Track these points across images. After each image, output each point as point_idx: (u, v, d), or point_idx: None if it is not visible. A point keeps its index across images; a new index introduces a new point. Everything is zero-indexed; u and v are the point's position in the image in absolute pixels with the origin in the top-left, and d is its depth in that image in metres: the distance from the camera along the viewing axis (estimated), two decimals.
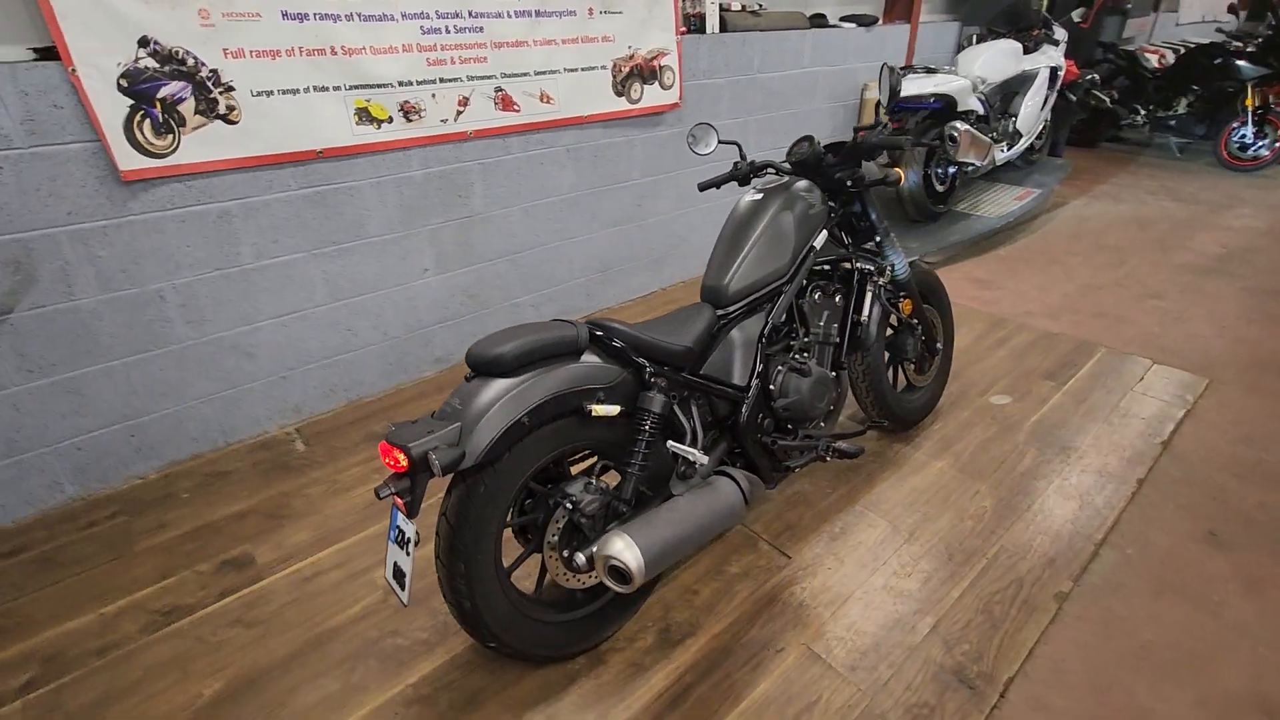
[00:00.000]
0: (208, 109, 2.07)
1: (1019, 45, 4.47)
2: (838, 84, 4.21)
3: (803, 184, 1.92)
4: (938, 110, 3.98)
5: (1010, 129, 4.49)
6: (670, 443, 1.53)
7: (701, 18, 3.34)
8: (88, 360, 2.11)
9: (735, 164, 2.06)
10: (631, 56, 3.05)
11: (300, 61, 2.19)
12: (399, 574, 1.32)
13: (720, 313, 1.76)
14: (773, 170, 2.02)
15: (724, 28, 3.44)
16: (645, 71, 3.13)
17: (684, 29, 3.26)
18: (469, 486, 1.34)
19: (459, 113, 2.61)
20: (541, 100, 2.82)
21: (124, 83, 1.92)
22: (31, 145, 1.86)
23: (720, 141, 2.04)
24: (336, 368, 2.66)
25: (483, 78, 2.62)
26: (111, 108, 1.92)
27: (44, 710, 1.54)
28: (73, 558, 1.99)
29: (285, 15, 2.12)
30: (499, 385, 1.35)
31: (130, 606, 1.81)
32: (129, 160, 1.98)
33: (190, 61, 2.00)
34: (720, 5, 3.39)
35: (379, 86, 2.38)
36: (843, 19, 4.21)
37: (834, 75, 4.16)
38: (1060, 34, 4.76)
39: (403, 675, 1.58)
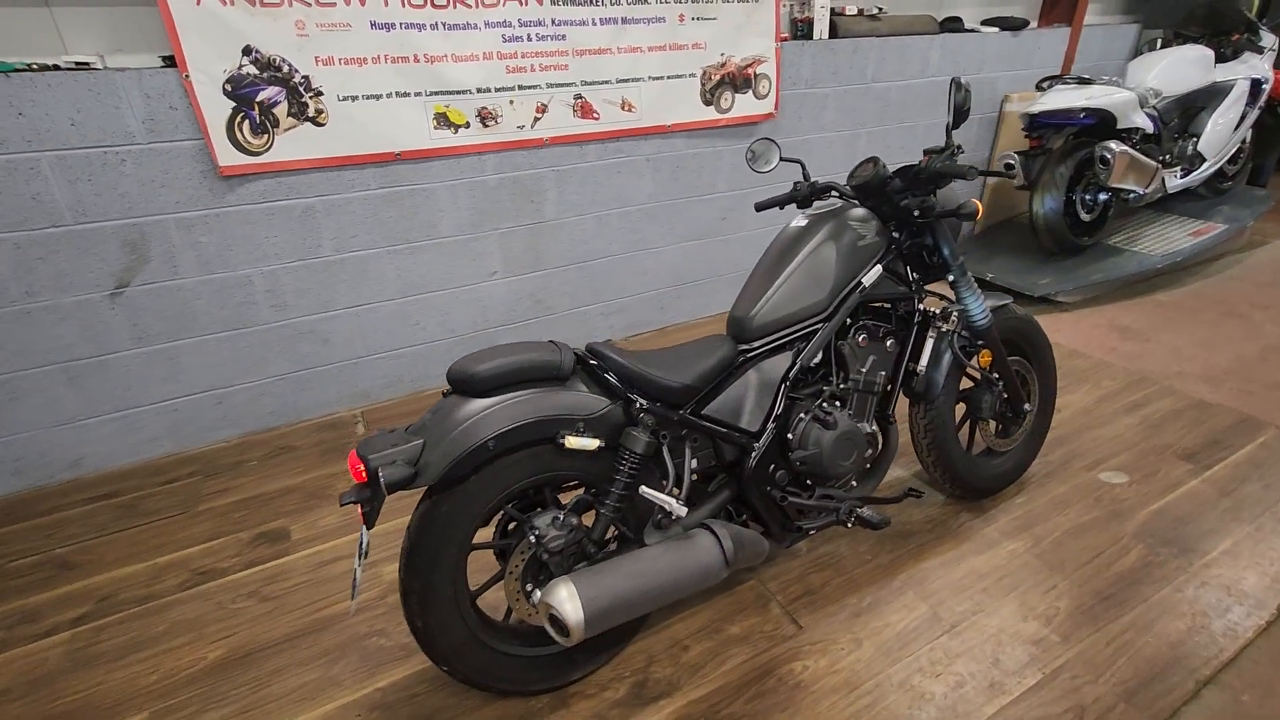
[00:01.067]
0: (299, 112, 2.23)
1: (1210, 53, 3.75)
2: (972, 94, 3.77)
3: (858, 211, 1.71)
4: (1090, 127, 3.44)
5: (1189, 151, 3.79)
6: (644, 488, 1.41)
7: (809, 23, 3.13)
8: (186, 333, 2.37)
9: (795, 184, 1.88)
10: (723, 64, 2.92)
11: (385, 68, 2.30)
12: (354, 579, 1.32)
13: (743, 348, 1.61)
14: (836, 193, 1.82)
15: (834, 33, 3.20)
16: (738, 80, 2.98)
17: (785, 35, 3.07)
18: (431, 505, 1.32)
19: (536, 119, 2.63)
20: (623, 108, 2.78)
21: (228, 87, 2.12)
22: (150, 142, 2.10)
23: (783, 159, 1.87)
24: (403, 359, 2.79)
25: (562, 85, 2.62)
26: (217, 109, 2.12)
27: (83, 645, 1.73)
28: (149, 509, 2.23)
29: (373, 25, 2.24)
30: (471, 406, 1.31)
31: (177, 562, 2.00)
32: (228, 156, 2.18)
33: (285, 68, 2.17)
34: (832, 9, 3.16)
35: (458, 93, 2.45)
36: (985, 22, 3.77)
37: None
38: (1269, 40, 3.94)
39: (375, 678, 1.60)
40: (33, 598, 1.90)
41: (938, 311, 1.76)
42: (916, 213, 1.69)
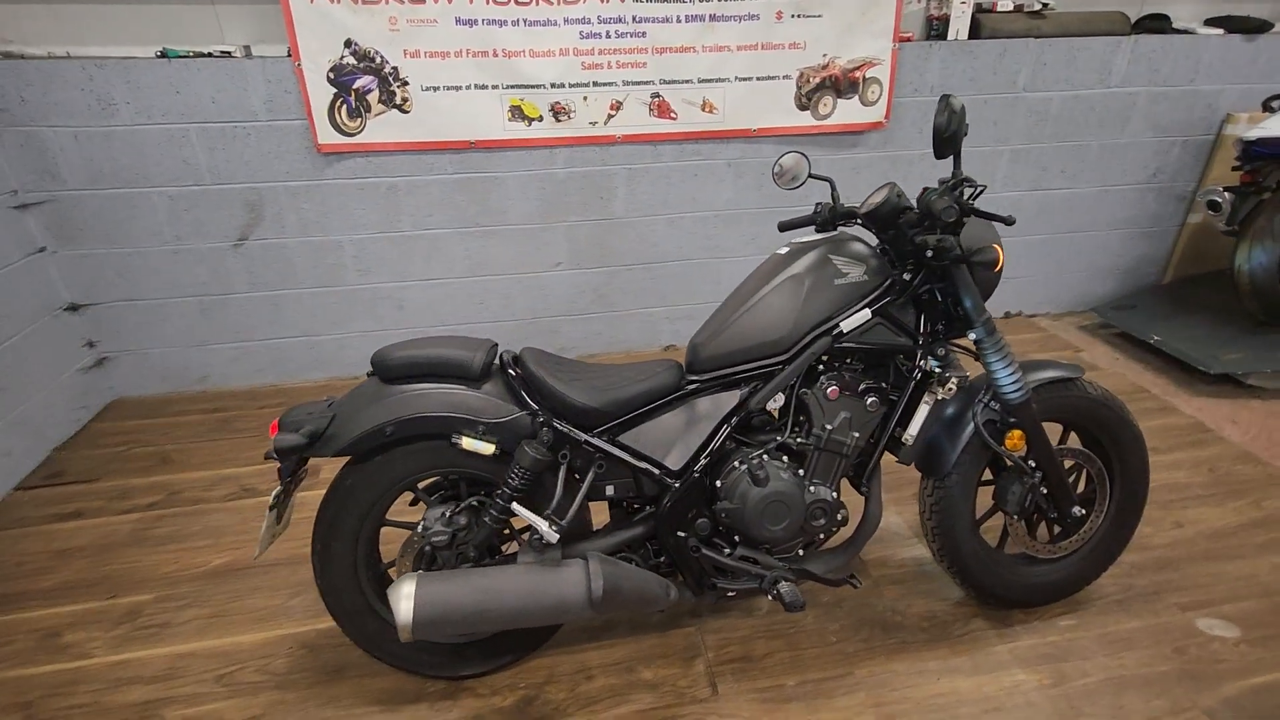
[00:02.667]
0: (388, 99, 2.48)
1: None
2: (1175, 111, 3.05)
3: (855, 245, 1.47)
4: None
5: None
6: (516, 504, 1.37)
7: (945, 21, 2.74)
8: (288, 284, 2.76)
9: (816, 206, 1.68)
10: (825, 66, 2.67)
11: (465, 62, 2.46)
12: (262, 529, 1.46)
13: (691, 378, 1.48)
14: (859, 220, 1.59)
15: (976, 33, 2.76)
16: (841, 83, 2.71)
17: (908, 35, 2.72)
18: (340, 476, 1.41)
19: (610, 116, 2.63)
20: (703, 109, 2.67)
21: (331, 75, 2.41)
22: (268, 120, 2.47)
23: (812, 175, 1.68)
24: (468, 333, 2.99)
25: (639, 83, 2.59)
26: (321, 94, 2.43)
27: (143, 527, 2.13)
28: (238, 428, 2.67)
29: (458, 21, 2.40)
30: (381, 390, 1.37)
31: (232, 476, 2.37)
32: (326, 135, 2.49)
33: (378, 59, 2.41)
34: (978, 5, 2.73)
35: (533, 87, 2.53)
36: (1209, 22, 3.00)
37: (1170, 99, 3.02)
38: None
39: (318, 620, 1.76)
40: (133, 480, 2.37)
41: (940, 369, 1.47)
42: (929, 253, 1.42)
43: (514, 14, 2.42)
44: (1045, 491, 1.61)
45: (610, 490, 1.45)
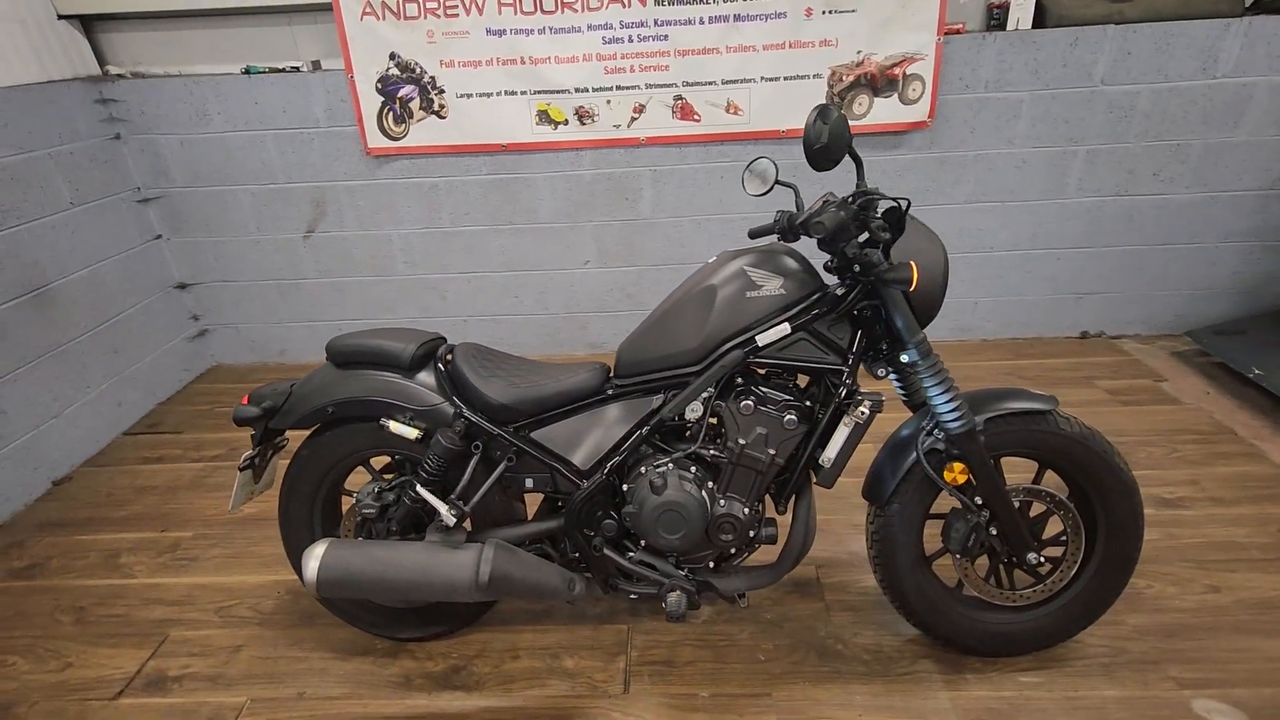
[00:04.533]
0: (427, 106, 2.69)
1: None
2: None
3: (777, 258, 1.43)
4: None
5: None
6: (419, 487, 1.48)
7: (1005, 9, 2.49)
8: (347, 273, 3.09)
9: (777, 215, 1.64)
10: (860, 63, 2.53)
11: (495, 70, 2.61)
12: (235, 486, 1.68)
13: (615, 380, 1.53)
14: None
15: (1041, 20, 2.49)
16: (878, 82, 2.56)
17: (958, 26, 2.51)
18: (300, 448, 1.61)
19: (633, 119, 2.68)
20: (728, 111, 2.64)
21: (379, 85, 2.66)
22: (329, 126, 2.78)
23: (779, 182, 1.65)
24: (503, 325, 3.18)
25: (661, 86, 2.61)
26: (370, 103, 2.69)
27: (203, 475, 2.51)
28: None
29: (488, 32, 2.55)
30: (330, 375, 1.55)
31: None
32: (375, 140, 2.76)
33: (418, 70, 2.63)
34: None
35: (558, 92, 2.64)
36: None
37: None
38: None
39: None
40: (207, 435, 2.79)
41: (861, 394, 1.39)
42: (857, 268, 1.36)
43: (540, 23, 2.53)
44: (995, 533, 1.48)
45: (529, 483, 1.53)
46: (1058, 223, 2.80)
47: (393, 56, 2.61)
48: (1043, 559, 1.47)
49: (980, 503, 1.46)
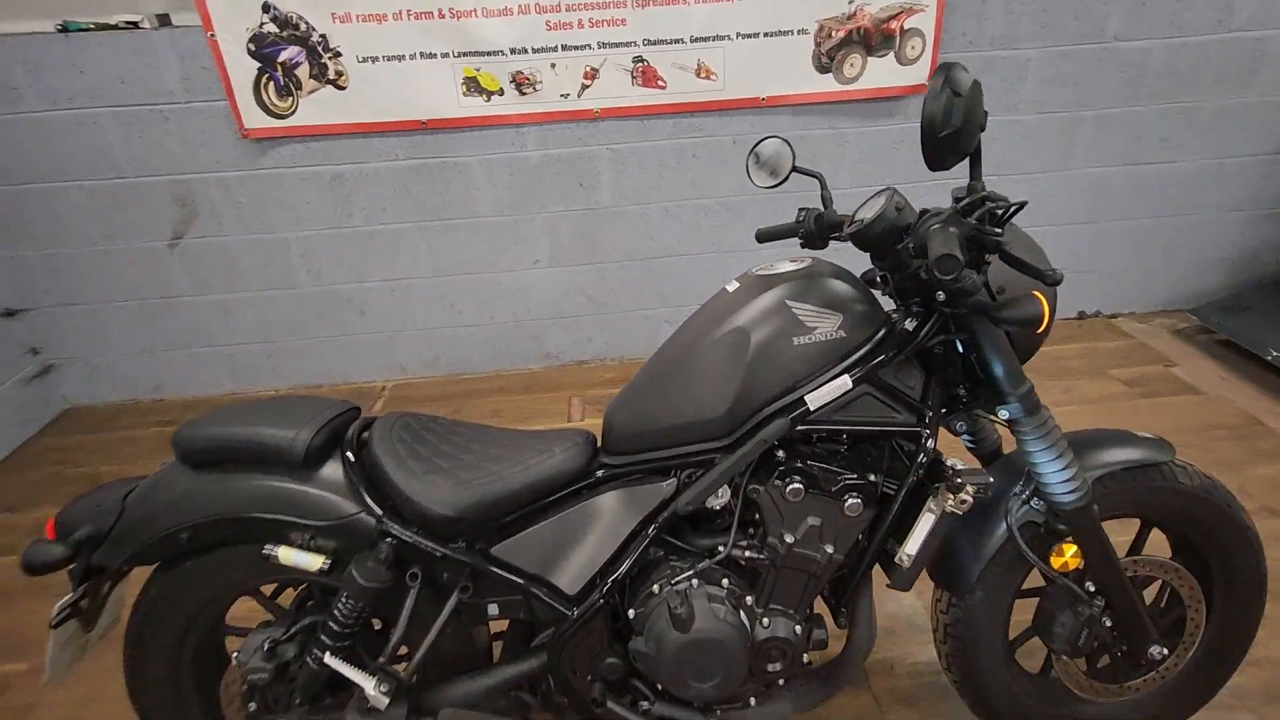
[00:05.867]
0: (319, 74, 2.10)
1: None
2: None
3: (827, 284, 1.03)
4: None
5: None
6: (329, 656, 1.02)
7: None
8: (234, 287, 2.47)
9: (799, 213, 1.24)
10: (852, 15, 2.13)
11: (406, 25, 2.05)
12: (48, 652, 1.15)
13: (605, 460, 1.09)
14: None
15: None
16: (872, 38, 2.17)
17: None
18: (146, 587, 1.10)
19: (584, 87, 2.18)
20: (700, 75, 2.19)
21: (251, 46, 2.05)
22: (187, 100, 2.14)
23: (796, 169, 1.23)
24: (440, 340, 2.65)
25: (617, 45, 2.12)
26: (242, 70, 2.08)
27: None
28: None
29: None
30: (181, 480, 1.04)
31: None
32: (253, 118, 2.15)
33: (303, 26, 2.03)
34: None
35: (489, 54, 2.11)
36: None
37: None
38: None
39: None
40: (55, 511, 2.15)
41: (953, 471, 1.01)
42: (941, 295, 0.97)
43: None
44: (1110, 624, 1.15)
45: (494, 609, 1.08)
46: (1061, 196, 2.53)
47: (266, 8, 2.00)
48: (1166, 651, 1.16)
49: (1093, 589, 1.12)
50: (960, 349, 1.04)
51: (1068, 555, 1.08)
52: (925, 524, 1.02)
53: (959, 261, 0.78)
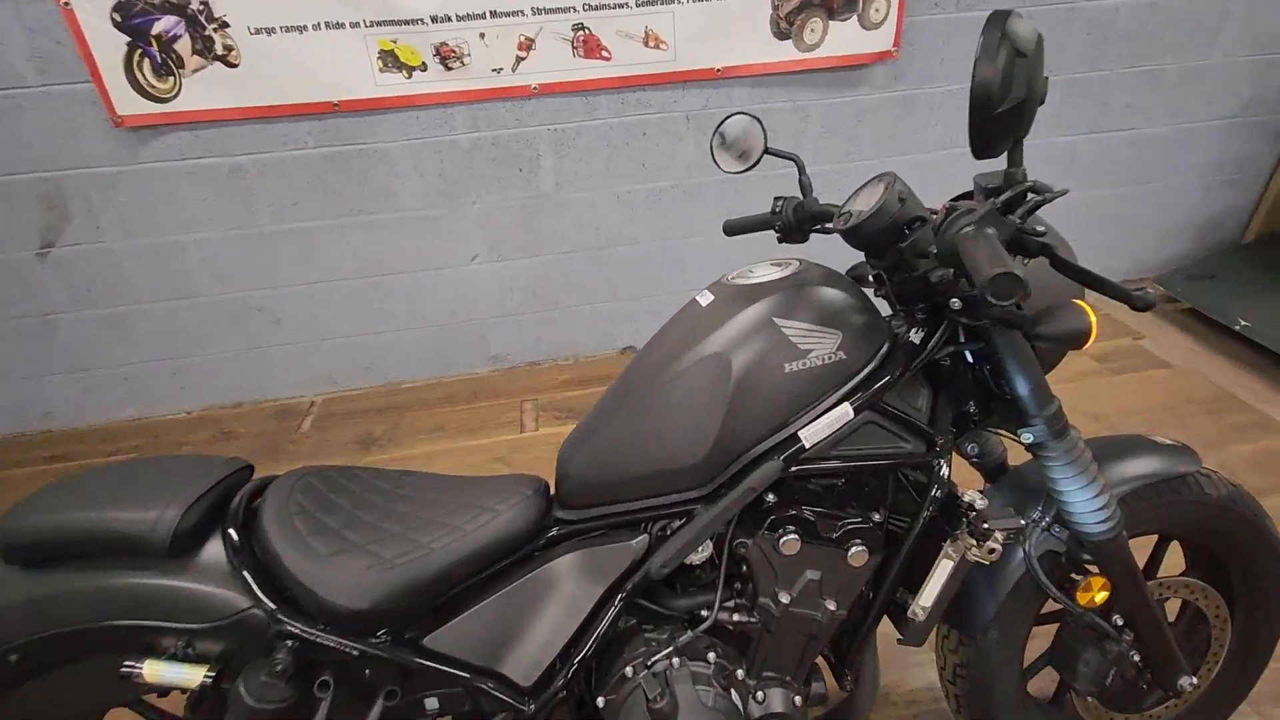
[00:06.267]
0: (205, 49, 1.79)
1: None
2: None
3: (819, 293, 0.85)
4: None
5: None
6: None
7: None
8: (124, 299, 2.15)
9: (776, 202, 1.06)
10: None
11: None
12: None
13: (561, 515, 0.90)
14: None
15: None
16: (834, 1, 1.98)
17: None
18: None
19: (519, 60, 1.94)
20: (648, 44, 1.97)
21: (117, 17, 1.73)
22: (43, 84, 1.81)
23: (769, 151, 1.05)
24: (371, 347, 2.39)
25: (555, 11, 1.88)
26: (109, 45, 1.75)
27: None
28: None
29: None
30: (5, 587, 0.80)
31: None
32: (127, 104, 1.83)
33: None
34: None
35: (407, 23, 1.84)
36: None
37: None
38: None
39: None
40: None
41: (977, 506, 0.85)
42: (956, 303, 0.80)
43: None
44: (1136, 659, 1.02)
45: (432, 704, 0.89)
46: (1031, 168, 2.41)
47: None
48: (1195, 681, 1.05)
49: (1120, 623, 1.00)
50: (970, 358, 0.89)
51: (1095, 590, 0.95)
52: (942, 573, 0.87)
53: (1021, 283, 0.61)
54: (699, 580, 0.93)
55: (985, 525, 0.80)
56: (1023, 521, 0.81)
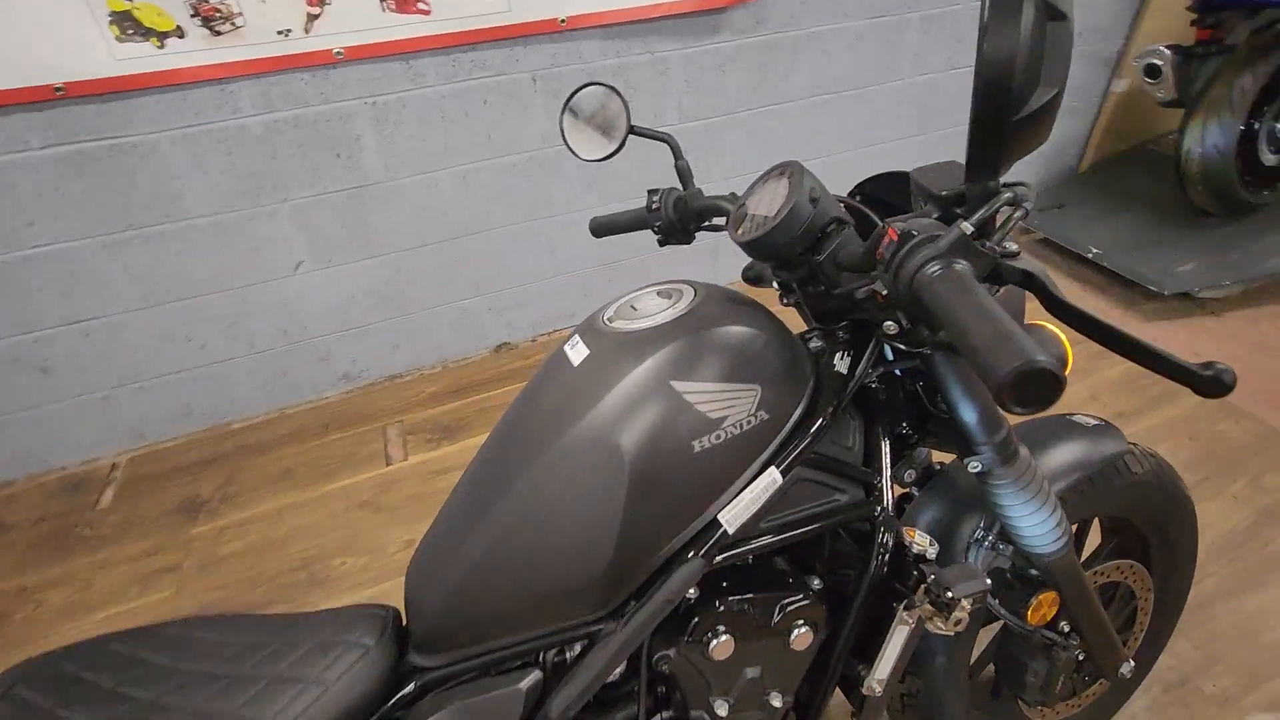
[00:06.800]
0: None
1: None
2: None
3: (724, 335, 0.66)
4: None
5: None
6: None
7: None
8: None
9: (651, 198, 0.85)
10: None
11: None
12: None
13: (420, 661, 0.67)
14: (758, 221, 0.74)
15: None
16: None
17: None
18: None
19: (312, 18, 1.55)
20: None
21: None
22: None
23: (634, 131, 0.83)
24: (186, 385, 1.95)
25: None
26: None
27: None
28: None
29: None
30: None
31: None
32: None
33: None
34: None
35: None
36: None
37: None
38: None
39: None
40: None
41: (929, 577, 0.72)
42: (892, 327, 0.63)
43: None
44: (1082, 656, 0.97)
45: None
46: (892, 109, 2.36)
47: None
48: (1133, 664, 1.02)
49: (1068, 629, 0.93)
50: (898, 372, 0.75)
51: (1046, 606, 0.86)
52: (897, 642, 0.73)
53: (1057, 383, 0.43)
54: (614, 695, 0.74)
55: (949, 595, 0.66)
56: (989, 582, 0.68)
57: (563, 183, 2.04)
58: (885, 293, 0.54)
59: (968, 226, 0.51)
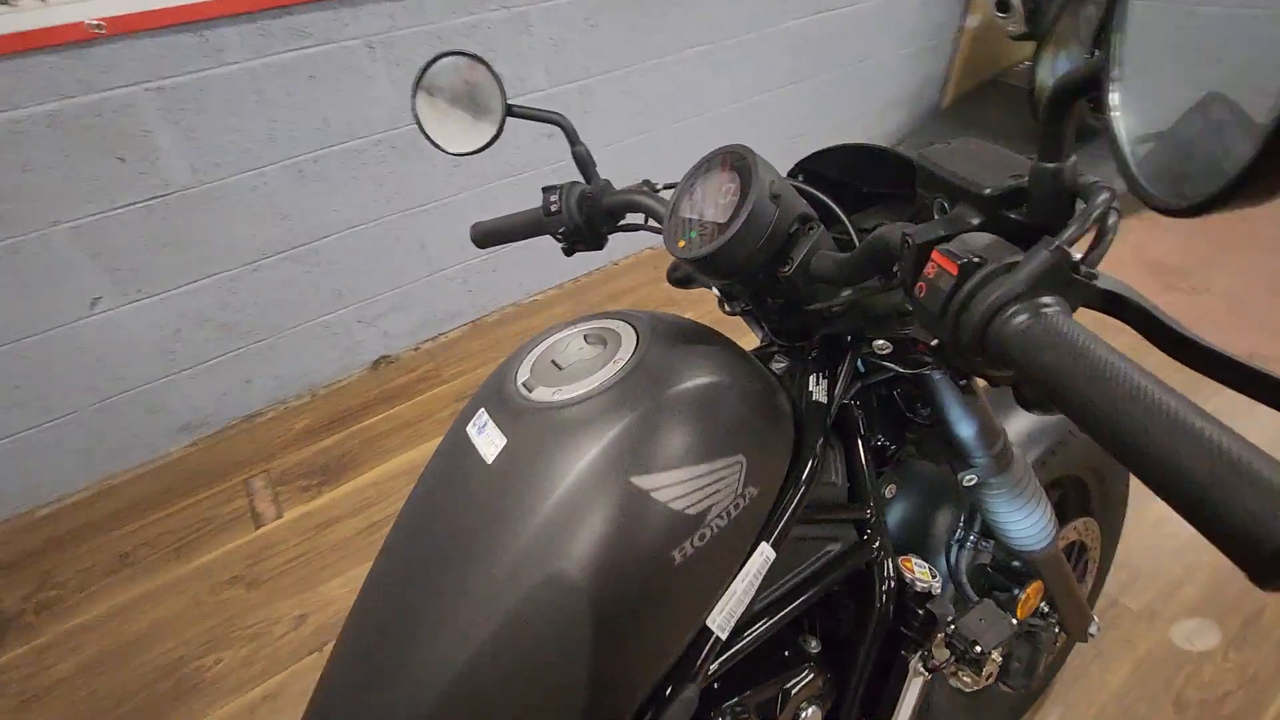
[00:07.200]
0: None
1: None
2: None
3: (703, 389, 0.49)
4: None
5: None
6: None
7: None
8: None
9: (549, 197, 0.65)
10: None
11: None
12: None
13: None
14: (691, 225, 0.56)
15: None
16: None
17: None
18: None
19: None
20: None
21: None
22: None
23: (513, 112, 0.62)
24: None
25: None
26: None
27: None
28: None
29: None
30: None
31: None
32: None
33: None
34: None
35: None
36: None
37: None
38: None
39: None
40: None
41: (952, 634, 0.60)
42: (884, 346, 0.49)
43: None
44: (1058, 629, 0.94)
45: None
46: (772, 58, 2.25)
47: None
48: (1096, 618, 1.00)
49: (1047, 609, 0.89)
50: (877, 391, 0.63)
51: (1033, 598, 0.80)
52: (912, 695, 0.62)
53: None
54: None
55: (978, 648, 0.55)
56: (1015, 621, 0.57)
57: (424, 165, 1.76)
58: (934, 342, 0.39)
59: (1066, 249, 0.34)
